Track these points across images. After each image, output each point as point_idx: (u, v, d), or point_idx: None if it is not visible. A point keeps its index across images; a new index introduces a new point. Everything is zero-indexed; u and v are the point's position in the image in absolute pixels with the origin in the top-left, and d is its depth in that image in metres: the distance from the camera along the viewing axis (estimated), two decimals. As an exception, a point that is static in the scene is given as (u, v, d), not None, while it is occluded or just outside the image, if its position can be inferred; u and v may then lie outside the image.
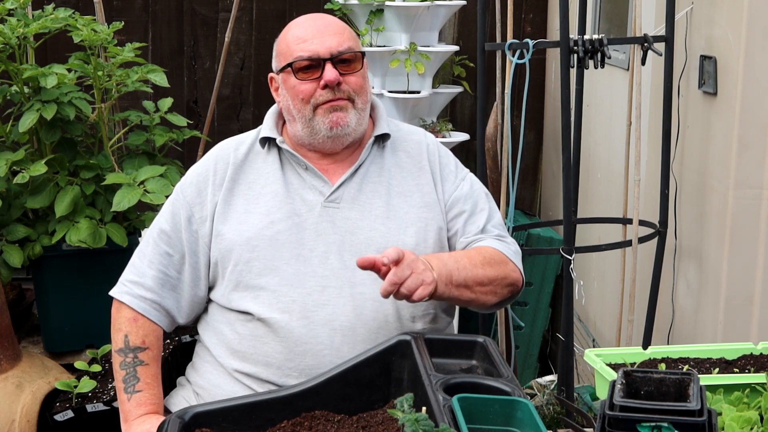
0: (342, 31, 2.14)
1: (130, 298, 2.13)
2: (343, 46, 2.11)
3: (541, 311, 4.65)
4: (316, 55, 2.09)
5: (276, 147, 2.18)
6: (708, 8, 2.96)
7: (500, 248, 2.17)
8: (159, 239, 2.16)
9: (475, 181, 2.28)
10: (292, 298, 2.05)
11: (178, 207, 2.17)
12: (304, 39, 2.11)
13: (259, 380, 2.06)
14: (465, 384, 1.66)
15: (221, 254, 2.11)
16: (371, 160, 2.18)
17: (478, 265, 2.07)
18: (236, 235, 2.10)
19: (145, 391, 2.06)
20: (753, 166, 2.76)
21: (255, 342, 2.06)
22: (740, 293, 2.83)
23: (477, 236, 2.18)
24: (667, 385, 1.54)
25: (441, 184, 2.21)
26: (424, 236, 2.13)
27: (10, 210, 3.20)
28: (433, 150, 2.25)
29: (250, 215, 2.11)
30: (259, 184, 2.15)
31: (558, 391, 3.17)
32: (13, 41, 3.17)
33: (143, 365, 2.08)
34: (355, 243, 2.09)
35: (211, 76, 4.71)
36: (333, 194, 2.13)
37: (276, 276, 2.07)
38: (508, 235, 2.25)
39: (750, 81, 2.73)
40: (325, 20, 2.17)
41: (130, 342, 2.10)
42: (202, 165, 2.21)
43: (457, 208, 2.20)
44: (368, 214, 2.12)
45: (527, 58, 3.04)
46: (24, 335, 3.49)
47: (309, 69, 2.10)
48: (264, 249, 2.08)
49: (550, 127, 5.03)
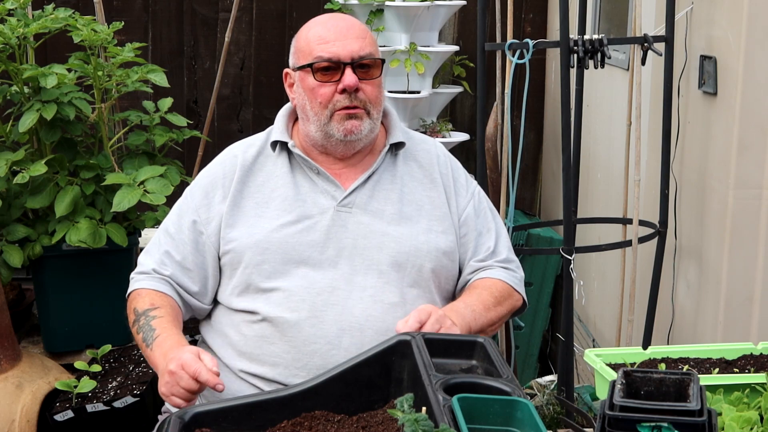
0: (364, 35, 2.14)
1: (133, 285, 2.15)
2: (365, 51, 2.11)
3: (541, 311, 4.65)
4: (337, 58, 2.09)
5: (286, 149, 2.17)
6: (708, 8, 2.96)
7: (507, 279, 2.21)
8: (163, 239, 2.18)
9: (482, 196, 2.30)
10: (301, 297, 2.06)
11: (184, 210, 2.18)
12: (326, 40, 2.11)
13: (265, 380, 2.06)
14: (465, 384, 1.66)
15: (231, 256, 2.11)
16: (384, 167, 2.19)
17: (491, 307, 2.13)
18: (247, 237, 2.10)
19: (163, 334, 2.00)
20: (753, 166, 2.76)
21: (261, 342, 2.06)
22: (740, 293, 2.83)
23: (486, 263, 2.21)
24: (667, 385, 1.54)
25: (455, 199, 2.22)
26: (435, 244, 2.14)
27: (10, 210, 3.20)
28: (445, 162, 2.26)
29: (260, 218, 2.12)
30: (268, 187, 2.15)
31: (558, 391, 3.17)
32: (13, 41, 3.17)
33: (156, 319, 2.04)
34: (367, 247, 2.10)
35: (211, 76, 4.71)
36: (346, 199, 2.13)
37: (286, 278, 2.07)
38: (514, 257, 2.28)
39: (750, 81, 2.73)
40: (348, 22, 2.16)
41: (138, 310, 2.08)
42: (211, 168, 2.22)
43: (468, 226, 2.22)
44: (380, 219, 2.13)
45: (527, 58, 3.04)
46: (24, 335, 3.49)
47: (328, 71, 2.10)
48: (274, 252, 2.08)
49: (550, 127, 5.03)
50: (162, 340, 1.98)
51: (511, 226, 3.27)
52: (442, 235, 2.16)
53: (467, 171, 2.35)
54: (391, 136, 2.21)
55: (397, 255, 2.10)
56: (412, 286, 2.11)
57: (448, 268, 2.18)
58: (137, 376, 2.99)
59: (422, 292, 2.13)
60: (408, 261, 2.10)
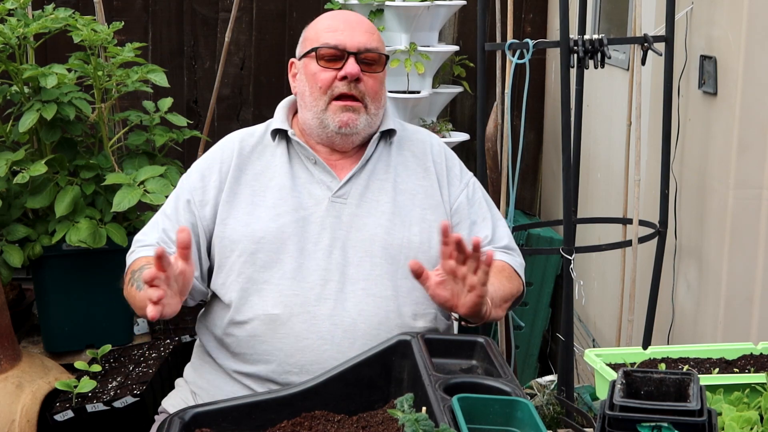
0: (372, 31, 2.18)
1: (132, 256, 2.13)
2: (371, 45, 2.14)
3: (541, 311, 4.65)
4: (343, 46, 2.12)
5: (285, 140, 2.19)
6: (708, 8, 2.96)
7: (509, 262, 2.21)
8: (160, 219, 2.19)
9: (477, 186, 2.29)
10: (294, 291, 2.06)
11: (180, 192, 2.20)
12: (334, 29, 2.14)
13: (259, 379, 2.06)
14: (465, 384, 1.66)
15: (225, 243, 2.11)
16: (378, 156, 2.20)
17: (505, 282, 2.12)
18: (242, 226, 2.11)
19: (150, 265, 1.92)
20: (753, 166, 2.76)
21: (253, 342, 2.06)
22: (740, 293, 2.83)
23: (486, 247, 2.19)
24: (667, 385, 1.54)
25: (447, 188, 2.22)
26: (428, 236, 2.14)
27: (10, 210, 3.19)
28: (438, 152, 2.26)
29: (257, 207, 2.12)
30: (266, 176, 2.16)
31: (558, 391, 3.17)
32: (13, 41, 3.17)
33: (147, 267, 1.98)
34: (360, 239, 2.10)
35: (211, 76, 4.71)
36: (340, 189, 2.13)
37: (279, 269, 2.07)
38: (514, 246, 2.28)
39: (750, 81, 2.73)
40: (359, 18, 2.21)
41: (134, 269, 2.07)
42: (210, 154, 2.23)
43: (462, 215, 2.22)
44: (374, 211, 2.13)
45: (527, 58, 3.04)
46: (24, 335, 3.49)
47: (332, 59, 2.12)
48: (269, 242, 2.08)
49: (550, 127, 5.03)
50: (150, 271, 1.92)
51: (511, 226, 3.27)
52: (435, 224, 2.15)
53: (471, 175, 2.34)
54: (383, 124, 2.21)
55: (390, 247, 2.11)
56: (406, 277, 2.09)
57: None
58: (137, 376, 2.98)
59: (416, 284, 2.11)
60: (401, 253, 2.11)
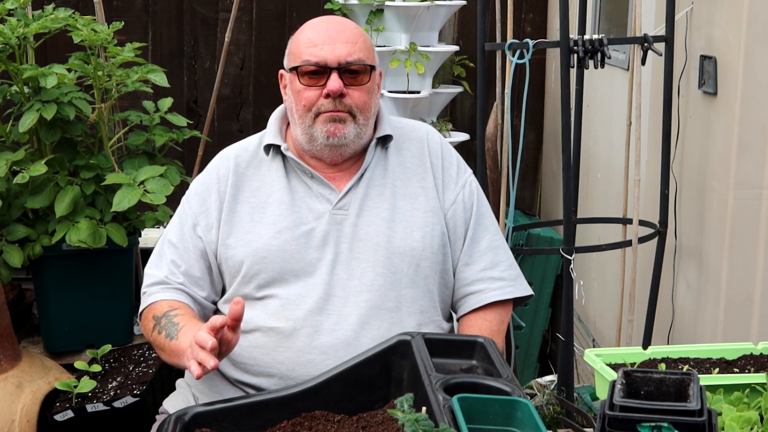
0: (355, 39, 2.09)
1: (147, 299, 2.13)
2: (353, 57, 2.07)
3: (541, 311, 4.65)
4: (324, 62, 2.06)
5: (280, 153, 2.15)
6: (708, 8, 2.96)
7: (503, 297, 2.20)
8: (167, 249, 2.16)
9: (474, 187, 2.24)
10: (297, 305, 2.04)
11: (185, 218, 2.17)
12: (314, 43, 2.08)
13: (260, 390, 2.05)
14: (465, 384, 1.66)
15: (230, 265, 2.10)
16: (375, 162, 2.16)
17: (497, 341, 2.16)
18: (244, 245, 2.09)
19: (188, 324, 1.98)
20: (753, 166, 2.76)
21: (256, 353, 2.05)
22: (740, 293, 2.83)
23: (479, 285, 2.18)
24: (667, 385, 1.54)
25: (442, 191, 2.18)
26: (431, 241, 2.12)
27: (10, 210, 3.19)
28: (435, 150, 2.22)
29: (257, 225, 2.10)
30: (263, 192, 2.13)
31: (558, 391, 3.17)
32: (13, 41, 3.17)
33: (178, 316, 2.02)
34: (362, 250, 2.08)
35: (211, 76, 4.71)
36: (340, 201, 2.11)
37: (283, 286, 2.06)
38: (502, 258, 2.22)
39: (750, 81, 2.73)
40: (341, 26, 2.12)
41: (158, 315, 2.06)
42: (205, 174, 2.20)
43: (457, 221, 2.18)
44: (375, 219, 2.10)
45: (527, 58, 3.04)
46: (24, 335, 3.49)
47: (315, 75, 2.07)
48: (272, 260, 2.07)
49: (550, 127, 5.03)
50: (188, 329, 1.96)
51: (511, 226, 3.27)
52: (437, 227, 2.13)
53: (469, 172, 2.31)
54: (378, 130, 2.17)
55: (392, 255, 2.08)
56: (410, 286, 2.09)
57: (444, 261, 2.16)
58: (137, 376, 2.98)
59: (420, 293, 2.11)
60: (403, 261, 2.09)
